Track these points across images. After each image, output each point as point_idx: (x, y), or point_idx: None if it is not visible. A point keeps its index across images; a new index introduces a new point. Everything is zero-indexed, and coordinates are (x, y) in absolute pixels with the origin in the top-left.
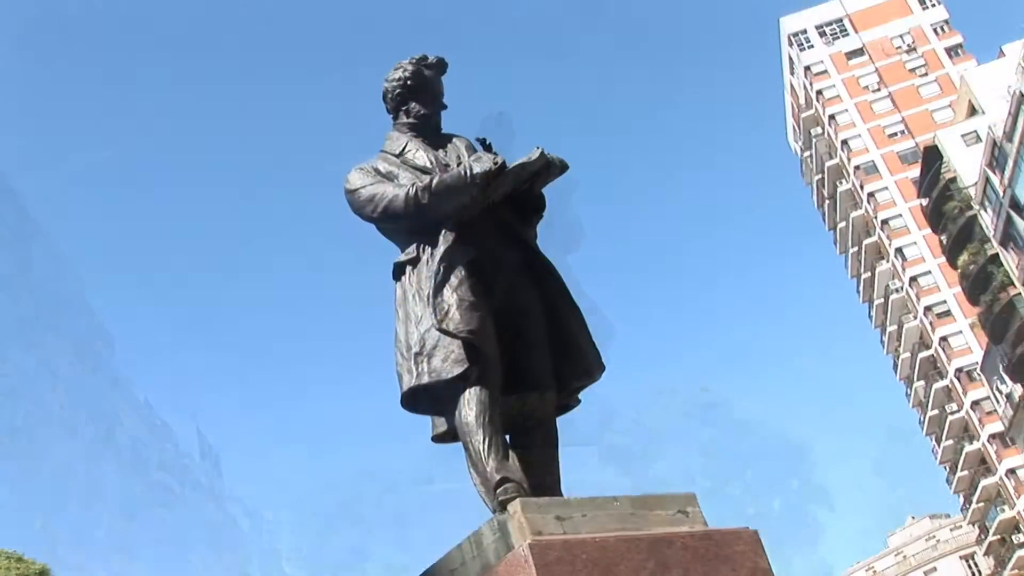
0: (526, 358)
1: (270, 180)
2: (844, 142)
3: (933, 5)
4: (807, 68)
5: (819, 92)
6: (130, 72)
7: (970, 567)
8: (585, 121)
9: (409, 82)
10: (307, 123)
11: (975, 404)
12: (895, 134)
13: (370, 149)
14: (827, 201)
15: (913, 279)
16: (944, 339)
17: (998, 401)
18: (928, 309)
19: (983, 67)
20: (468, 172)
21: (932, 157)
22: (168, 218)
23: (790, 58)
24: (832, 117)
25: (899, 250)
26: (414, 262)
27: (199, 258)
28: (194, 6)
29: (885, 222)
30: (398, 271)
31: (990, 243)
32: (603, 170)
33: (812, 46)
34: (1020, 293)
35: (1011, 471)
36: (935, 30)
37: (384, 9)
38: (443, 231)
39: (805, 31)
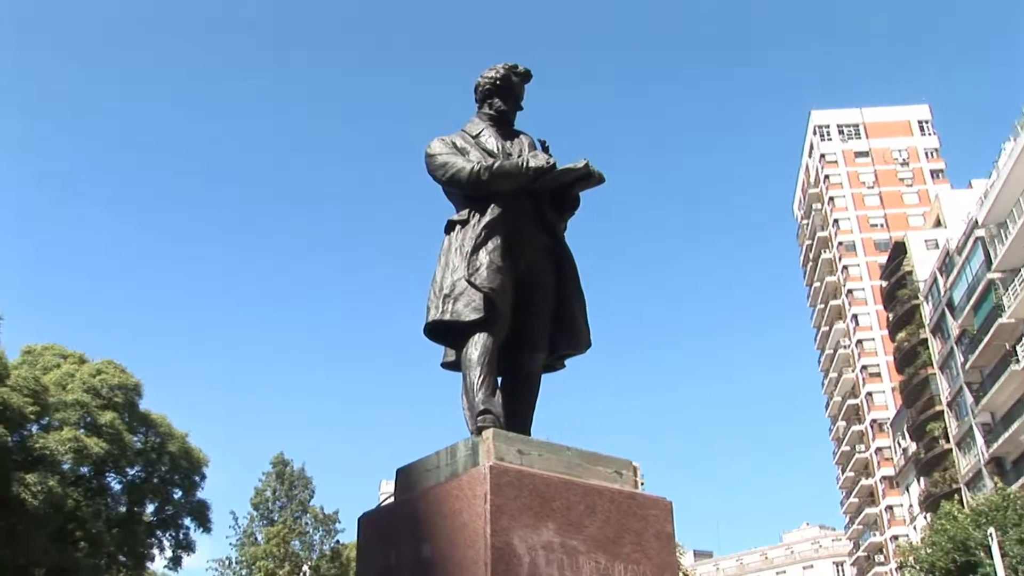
0: (530, 322)
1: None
2: (836, 220)
3: (930, 134)
4: (822, 155)
5: (826, 176)
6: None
7: (839, 572)
8: (608, 124)
9: (498, 82)
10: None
11: (879, 450)
12: (876, 225)
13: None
14: (810, 263)
15: (859, 341)
16: (870, 394)
17: (896, 451)
18: (864, 368)
19: (954, 192)
20: (524, 164)
21: (899, 250)
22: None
23: (811, 144)
24: (831, 199)
25: (855, 316)
26: (463, 223)
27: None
28: None
29: (850, 291)
30: (449, 227)
31: (924, 329)
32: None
33: (831, 139)
34: (935, 374)
35: (889, 507)
36: (926, 153)
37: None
38: (492, 204)
39: (828, 126)
